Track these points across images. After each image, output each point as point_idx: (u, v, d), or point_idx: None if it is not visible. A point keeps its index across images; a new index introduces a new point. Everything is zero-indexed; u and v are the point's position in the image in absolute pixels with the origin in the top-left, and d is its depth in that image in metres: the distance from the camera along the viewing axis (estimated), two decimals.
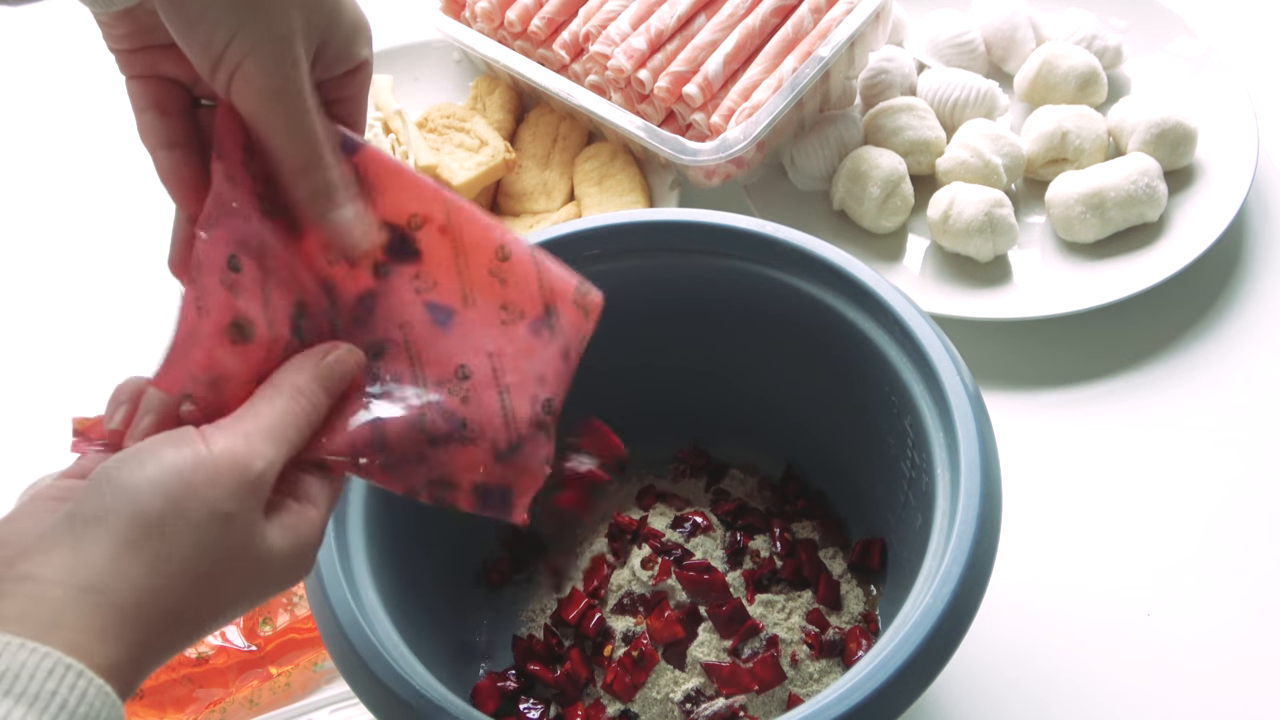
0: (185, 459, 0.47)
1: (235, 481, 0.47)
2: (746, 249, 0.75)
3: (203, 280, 0.52)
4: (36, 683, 0.41)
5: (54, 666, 0.41)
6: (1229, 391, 0.93)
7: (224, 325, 0.52)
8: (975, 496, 0.63)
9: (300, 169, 0.53)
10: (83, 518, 0.46)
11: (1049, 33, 1.09)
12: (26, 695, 0.40)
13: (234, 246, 0.53)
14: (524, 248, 0.58)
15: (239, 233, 0.53)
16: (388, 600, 0.66)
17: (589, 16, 1.04)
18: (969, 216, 0.95)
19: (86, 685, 0.42)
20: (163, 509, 0.46)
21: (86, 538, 0.45)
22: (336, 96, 0.55)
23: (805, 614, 0.76)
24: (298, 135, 0.52)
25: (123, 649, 0.44)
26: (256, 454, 0.49)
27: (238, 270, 0.53)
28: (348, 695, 0.80)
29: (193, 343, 0.52)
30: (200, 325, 0.52)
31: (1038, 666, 0.81)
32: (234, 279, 0.53)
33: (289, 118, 0.52)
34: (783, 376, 0.80)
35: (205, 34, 0.49)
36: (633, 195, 1.01)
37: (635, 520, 0.80)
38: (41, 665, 0.41)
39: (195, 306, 0.52)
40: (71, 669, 0.42)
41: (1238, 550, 0.85)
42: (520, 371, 0.58)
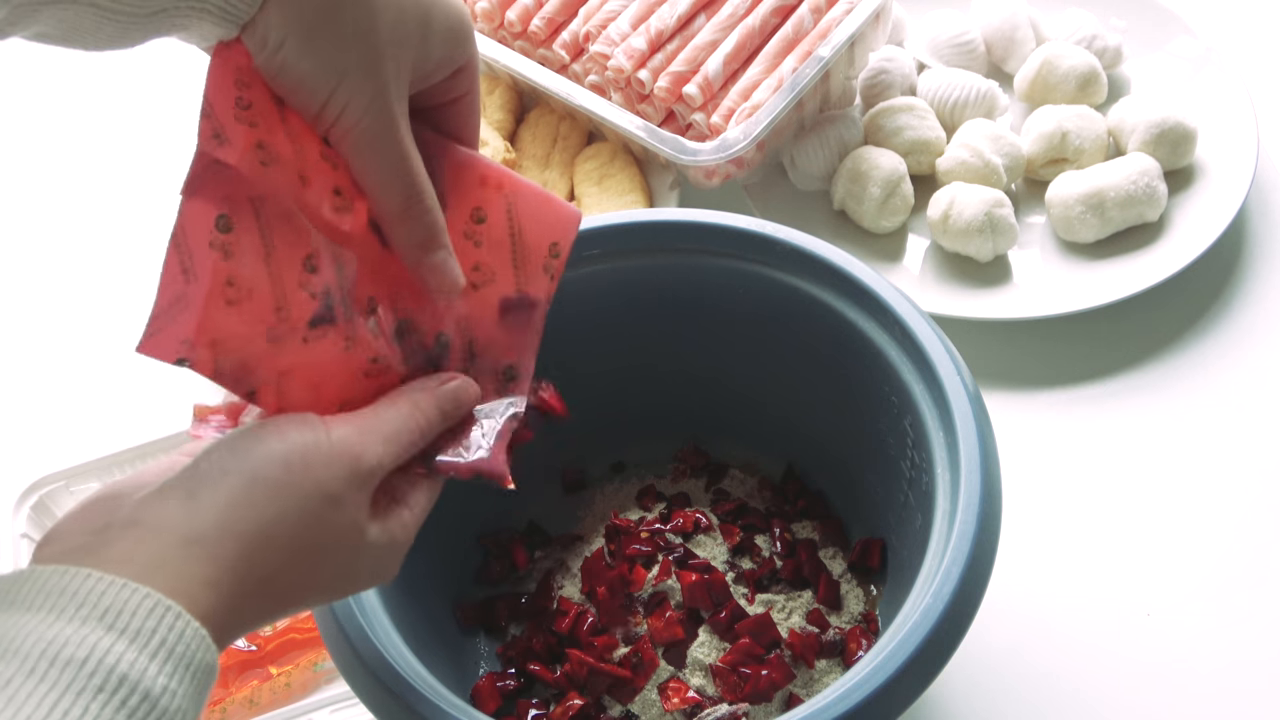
0: (306, 438, 0.50)
1: (347, 469, 0.50)
2: (746, 249, 0.75)
3: (188, 244, 0.51)
4: (138, 620, 0.43)
5: (154, 606, 0.43)
6: (1229, 391, 0.93)
7: (218, 288, 0.52)
8: (975, 496, 0.63)
9: (399, 214, 0.54)
10: (202, 474, 0.48)
11: (1049, 33, 1.09)
12: (129, 631, 0.42)
13: (223, 205, 0.52)
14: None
15: (229, 191, 0.52)
16: (387, 600, 0.66)
17: (589, 16, 1.04)
18: (969, 216, 0.95)
19: (184, 626, 0.44)
20: (279, 477, 0.49)
21: (202, 493, 0.47)
22: (444, 100, 0.57)
23: (805, 614, 0.76)
24: (396, 181, 0.54)
25: (220, 601, 0.46)
26: (369, 449, 0.51)
27: (228, 230, 0.52)
28: (348, 695, 0.80)
29: (179, 307, 0.51)
30: (188, 291, 0.51)
31: (1038, 666, 0.81)
32: (225, 240, 0.52)
33: (385, 165, 0.53)
34: (783, 376, 0.80)
35: (305, 98, 0.52)
36: (633, 195, 1.01)
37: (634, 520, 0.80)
38: (143, 604, 0.43)
39: (181, 271, 0.51)
40: (170, 609, 0.43)
41: (1238, 550, 0.85)
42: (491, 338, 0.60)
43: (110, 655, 0.41)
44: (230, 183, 0.52)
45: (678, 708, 0.71)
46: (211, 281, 0.52)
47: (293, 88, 0.52)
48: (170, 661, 0.43)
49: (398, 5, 0.52)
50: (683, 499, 0.83)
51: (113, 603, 0.43)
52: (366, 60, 0.51)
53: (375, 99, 0.52)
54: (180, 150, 1.20)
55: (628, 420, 0.83)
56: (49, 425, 0.99)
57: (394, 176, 0.54)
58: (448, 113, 0.57)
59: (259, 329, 0.53)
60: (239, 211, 0.52)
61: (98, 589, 0.43)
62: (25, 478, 0.88)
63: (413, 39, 0.53)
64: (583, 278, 0.73)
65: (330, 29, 0.51)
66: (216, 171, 0.51)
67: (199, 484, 0.48)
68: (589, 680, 0.72)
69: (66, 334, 1.05)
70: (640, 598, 0.75)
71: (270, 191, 0.52)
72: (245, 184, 0.52)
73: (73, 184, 1.15)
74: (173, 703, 0.42)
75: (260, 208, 0.52)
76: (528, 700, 0.74)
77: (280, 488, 0.48)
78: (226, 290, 0.52)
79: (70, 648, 0.41)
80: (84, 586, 0.43)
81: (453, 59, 0.55)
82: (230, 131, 0.52)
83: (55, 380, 1.03)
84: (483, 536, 0.82)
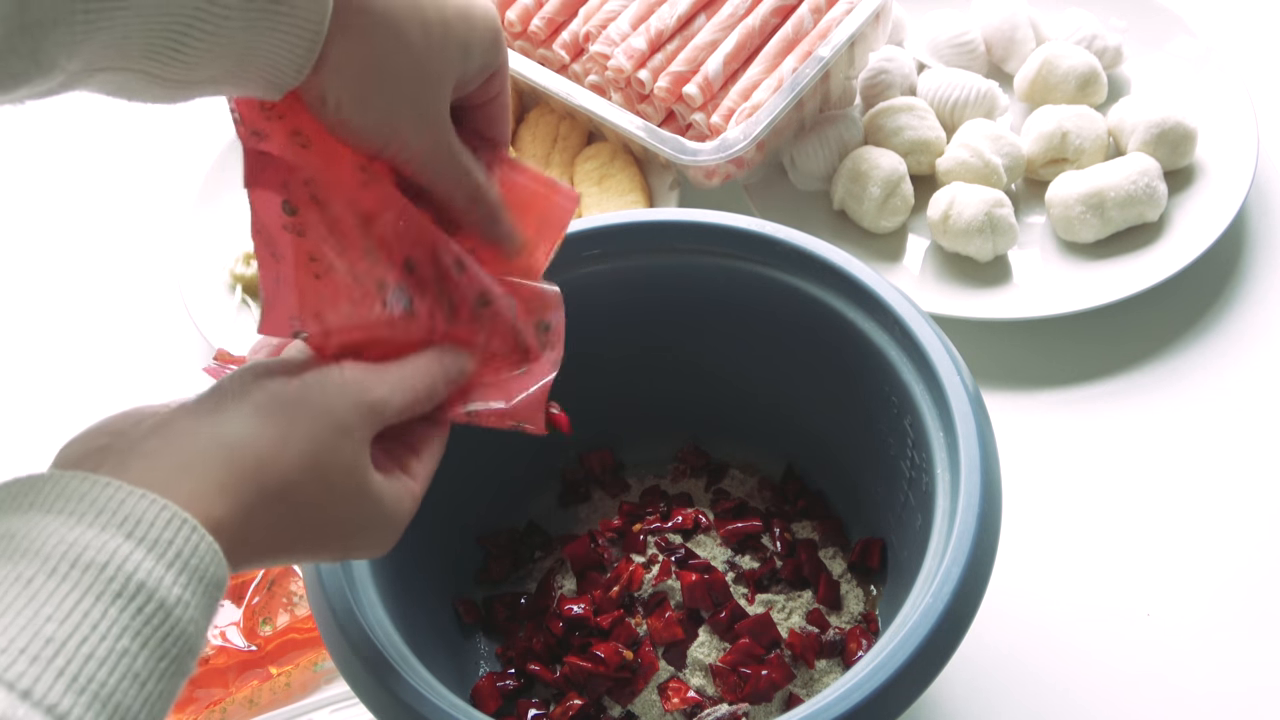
0: (320, 370, 0.53)
1: (355, 398, 0.52)
2: (746, 249, 0.75)
3: (267, 231, 0.56)
4: (156, 530, 0.44)
5: (171, 518, 0.44)
6: (1229, 391, 0.93)
7: (303, 264, 0.56)
8: (975, 496, 0.63)
9: (465, 208, 0.58)
10: (224, 390, 0.51)
11: (1049, 33, 1.09)
12: (147, 540, 0.44)
13: (283, 191, 0.56)
14: None
15: (284, 178, 0.55)
16: (388, 600, 0.66)
17: (589, 16, 1.04)
18: (969, 216, 0.95)
19: (199, 540, 0.45)
20: (297, 394, 0.51)
21: (226, 405, 0.50)
22: (479, 102, 0.59)
23: (805, 614, 0.76)
24: (458, 190, 0.58)
25: (237, 508, 0.47)
26: (378, 386, 0.54)
27: (294, 213, 0.56)
28: (348, 695, 0.80)
29: (281, 287, 0.56)
30: (281, 270, 0.56)
31: (1037, 666, 0.81)
32: (294, 222, 0.56)
33: (447, 182, 0.57)
34: (783, 376, 0.80)
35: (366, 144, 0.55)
36: (633, 195, 1.01)
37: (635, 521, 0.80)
38: (161, 516, 0.44)
39: (271, 255, 0.56)
40: (187, 523, 0.45)
41: (1238, 550, 0.85)
42: None
43: (129, 562, 0.43)
44: (281, 170, 0.55)
45: (678, 708, 0.71)
46: (295, 259, 0.56)
47: (353, 139, 0.55)
48: (185, 573, 0.44)
49: (441, 37, 0.54)
50: (683, 499, 0.83)
51: (131, 511, 0.44)
52: (419, 104, 0.54)
53: (431, 135, 0.55)
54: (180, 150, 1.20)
55: (628, 420, 0.83)
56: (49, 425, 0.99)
57: (456, 186, 0.58)
58: (481, 113, 0.60)
59: (345, 299, 0.56)
60: (297, 195, 0.56)
61: (118, 497, 0.44)
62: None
63: (455, 63, 0.55)
64: (582, 278, 0.74)
65: (383, 86, 0.53)
66: (266, 162, 0.55)
67: (223, 398, 0.50)
68: (589, 681, 0.72)
69: (67, 334, 1.05)
70: (640, 598, 0.75)
71: (315, 169, 0.56)
72: (294, 170, 0.55)
73: (74, 184, 1.15)
74: (185, 613, 0.44)
75: (315, 189, 0.56)
76: (528, 700, 0.74)
77: (295, 406, 0.51)
78: (311, 265, 0.56)
79: (91, 551, 0.42)
80: (104, 494, 0.44)
81: (489, 66, 0.57)
82: (265, 127, 0.55)
83: (56, 380, 1.03)
84: (482, 537, 0.82)
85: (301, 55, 0.51)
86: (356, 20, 0.51)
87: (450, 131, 0.56)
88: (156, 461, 0.47)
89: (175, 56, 0.49)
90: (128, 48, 0.48)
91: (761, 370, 0.80)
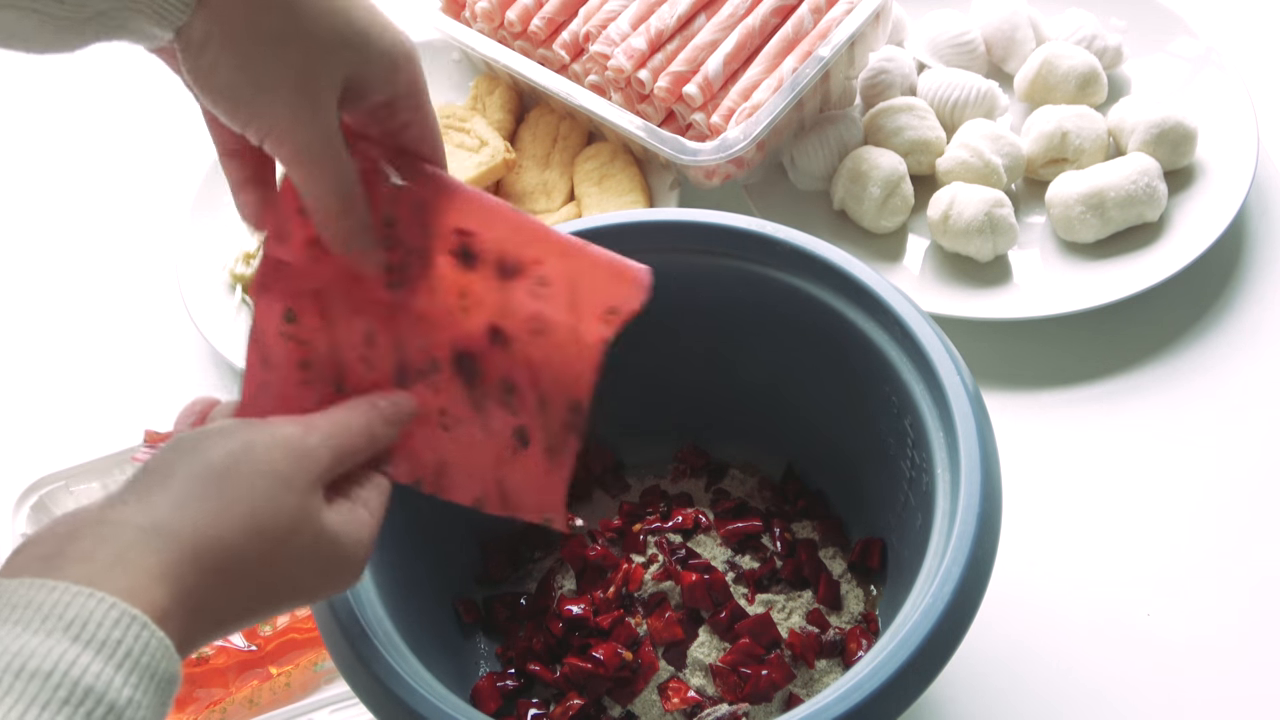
0: (250, 429, 0.52)
1: (291, 449, 0.52)
2: (746, 249, 0.75)
3: (265, 340, 0.59)
4: (104, 630, 0.43)
5: (120, 616, 0.43)
6: (1229, 391, 0.93)
7: (292, 372, 0.59)
8: (975, 496, 0.63)
9: (336, 214, 0.57)
10: (151, 472, 0.50)
11: (1049, 33, 1.09)
12: (94, 642, 0.43)
13: (288, 300, 0.58)
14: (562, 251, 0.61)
15: (291, 287, 0.58)
16: (388, 600, 0.66)
17: (589, 16, 1.04)
18: (969, 216, 0.95)
19: (149, 637, 0.44)
20: (226, 464, 0.50)
21: (154, 486, 0.49)
22: (393, 127, 0.58)
23: (805, 614, 0.76)
24: (333, 189, 0.56)
25: (179, 592, 0.46)
26: (310, 435, 0.53)
27: (293, 321, 0.59)
28: (348, 695, 0.80)
29: (264, 393, 0.59)
30: (267, 378, 0.59)
31: (1037, 666, 0.81)
32: (292, 329, 0.59)
33: (321, 175, 0.56)
34: (783, 377, 0.80)
35: (235, 108, 0.53)
36: (633, 195, 1.01)
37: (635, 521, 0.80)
38: (109, 615, 0.43)
39: (260, 363, 0.59)
40: (136, 620, 0.44)
41: (1238, 550, 0.85)
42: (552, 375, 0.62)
43: (76, 667, 0.41)
44: (292, 278, 0.58)
45: (678, 708, 0.71)
46: (286, 366, 0.59)
47: (223, 97, 0.53)
48: (135, 673, 0.43)
49: (331, 23, 0.53)
50: (683, 499, 0.83)
51: (78, 614, 0.43)
52: (302, 77, 0.53)
53: (308, 115, 0.54)
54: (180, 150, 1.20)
55: (628, 420, 0.83)
56: (49, 425, 0.99)
57: (332, 184, 0.56)
58: (404, 137, 0.58)
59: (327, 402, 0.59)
60: (301, 303, 0.59)
61: (63, 600, 0.43)
62: (25, 478, 0.88)
63: (348, 57, 0.54)
64: None
65: (267, 45, 0.52)
66: (279, 270, 0.58)
67: (152, 478, 0.49)
68: (589, 681, 0.72)
69: (66, 335, 1.05)
70: (640, 598, 0.75)
71: (325, 279, 0.58)
72: (304, 278, 0.58)
73: (73, 184, 1.15)
74: (137, 714, 0.42)
75: (320, 298, 0.59)
76: (528, 700, 0.74)
77: (227, 474, 0.50)
78: (300, 373, 0.59)
79: (36, 659, 0.41)
80: (49, 598, 0.43)
81: (391, 82, 0.56)
82: (290, 227, 0.57)
83: (55, 380, 1.03)
84: (482, 537, 0.82)
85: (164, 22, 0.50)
86: None
87: (331, 118, 0.55)
88: (92, 563, 0.45)
89: None
90: None
91: (761, 370, 0.80)
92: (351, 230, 0.57)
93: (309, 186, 0.56)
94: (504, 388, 0.60)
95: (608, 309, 0.60)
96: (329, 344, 0.59)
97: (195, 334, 1.00)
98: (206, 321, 0.99)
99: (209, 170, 1.06)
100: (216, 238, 1.04)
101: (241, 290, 1.01)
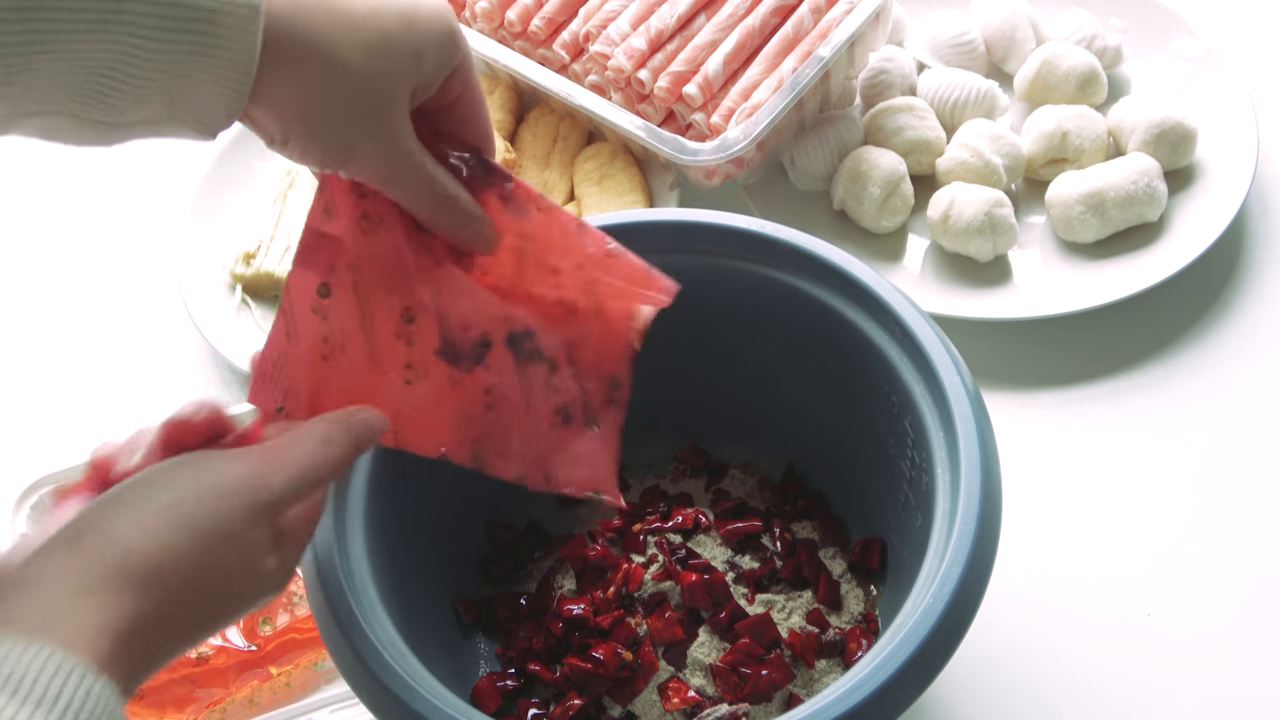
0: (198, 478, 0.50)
1: (245, 504, 0.50)
2: (746, 249, 0.75)
3: (295, 314, 0.59)
4: (42, 684, 0.42)
5: (58, 668, 0.42)
6: (1229, 391, 0.93)
7: (317, 345, 0.59)
8: (975, 496, 0.63)
9: (430, 214, 0.58)
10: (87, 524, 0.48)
11: (1049, 33, 1.09)
12: (33, 696, 0.41)
13: (325, 275, 0.59)
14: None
15: (330, 261, 0.58)
16: (387, 600, 0.66)
17: (589, 16, 1.04)
18: (969, 216, 0.95)
19: (91, 684, 0.43)
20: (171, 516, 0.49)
21: (84, 541, 0.47)
22: (444, 103, 0.58)
23: (805, 614, 0.76)
24: (423, 198, 0.57)
25: (121, 644, 0.45)
26: (269, 481, 0.51)
27: (327, 296, 0.59)
28: (348, 695, 0.80)
29: (281, 367, 0.59)
30: (290, 349, 0.59)
31: (1037, 666, 0.81)
32: (323, 304, 0.59)
33: (409, 192, 0.56)
34: (782, 376, 0.80)
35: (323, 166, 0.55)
36: (633, 195, 1.01)
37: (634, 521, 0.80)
38: (47, 666, 0.42)
39: (285, 334, 0.59)
40: (76, 668, 0.42)
41: (1238, 550, 0.85)
42: None
43: None
44: (333, 252, 0.58)
45: (678, 708, 0.71)
46: (312, 340, 0.59)
47: (308, 164, 0.55)
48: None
49: (384, 51, 0.52)
50: (683, 499, 0.83)
51: (15, 668, 0.42)
52: (370, 123, 0.53)
53: (387, 150, 0.54)
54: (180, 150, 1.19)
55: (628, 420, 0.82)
56: (49, 425, 0.99)
57: (421, 197, 0.57)
58: (450, 114, 0.58)
59: (351, 379, 0.59)
60: (338, 278, 0.59)
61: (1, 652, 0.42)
62: (25, 478, 0.88)
63: (407, 74, 0.54)
64: None
65: (328, 114, 0.52)
66: (321, 243, 0.58)
67: (81, 534, 0.48)
68: (589, 681, 0.72)
69: (66, 335, 1.05)
70: (640, 598, 0.75)
71: (369, 255, 0.59)
72: (346, 252, 0.58)
73: (73, 184, 1.15)
74: None
75: (357, 273, 0.59)
76: (528, 700, 0.74)
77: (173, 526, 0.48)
78: (321, 346, 0.59)
79: None
80: None
81: (445, 65, 0.56)
82: (339, 204, 0.57)
83: (55, 380, 1.03)
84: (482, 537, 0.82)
85: (232, 97, 0.50)
86: (290, 52, 0.50)
87: (409, 141, 0.55)
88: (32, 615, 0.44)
89: (103, 100, 0.48)
90: (53, 92, 0.47)
91: (761, 370, 0.80)
92: (459, 222, 0.58)
93: (406, 202, 0.57)
94: (549, 365, 0.62)
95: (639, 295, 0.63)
96: (358, 318, 0.59)
97: (195, 334, 1.00)
98: (206, 321, 0.99)
99: (209, 170, 1.06)
100: (216, 238, 1.04)
101: (241, 290, 1.01)
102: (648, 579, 0.75)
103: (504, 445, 0.62)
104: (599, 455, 0.63)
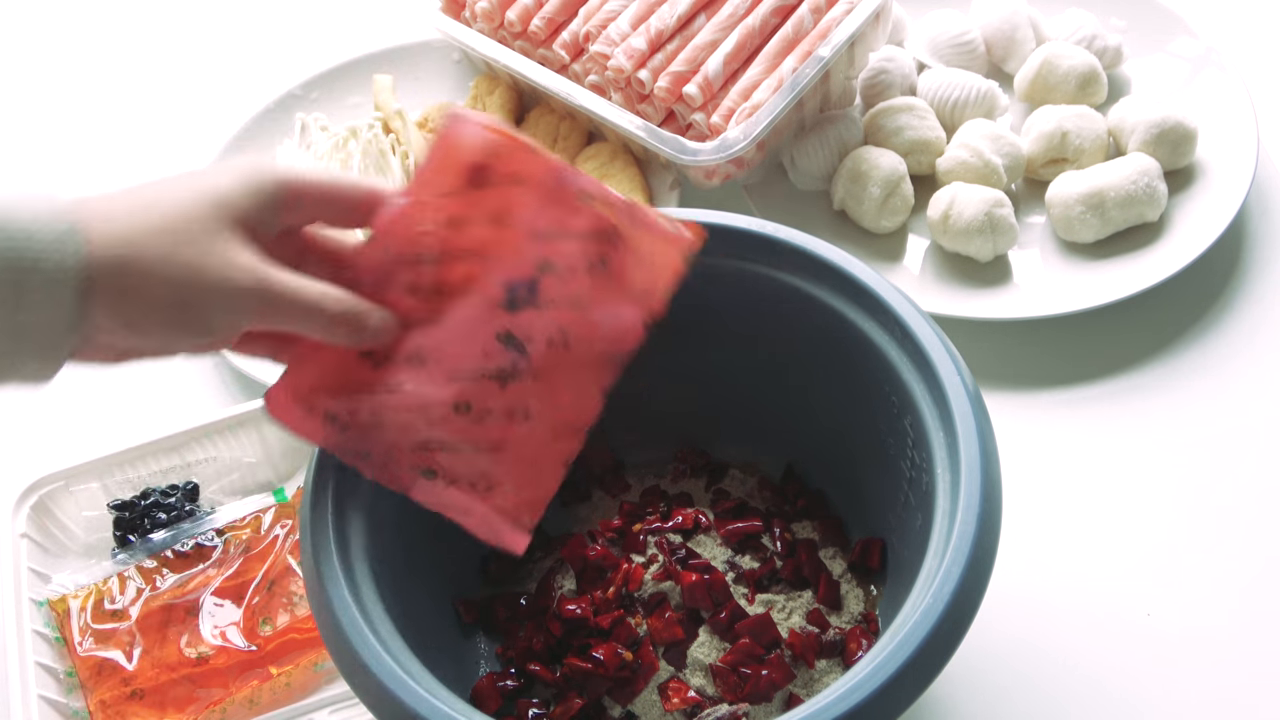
0: None
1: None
2: (746, 249, 0.75)
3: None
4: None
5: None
6: (1229, 391, 0.93)
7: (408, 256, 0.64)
8: (975, 496, 0.63)
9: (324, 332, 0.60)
10: None
11: (1049, 33, 1.09)
12: None
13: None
14: None
15: None
16: (388, 600, 0.66)
17: (589, 16, 1.04)
18: (969, 216, 0.95)
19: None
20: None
21: None
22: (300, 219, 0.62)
23: (805, 614, 0.76)
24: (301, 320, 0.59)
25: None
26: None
27: None
28: (348, 695, 0.80)
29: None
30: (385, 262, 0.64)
31: (1037, 666, 0.81)
32: None
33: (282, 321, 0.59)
34: (783, 376, 0.80)
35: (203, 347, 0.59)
36: (633, 195, 1.01)
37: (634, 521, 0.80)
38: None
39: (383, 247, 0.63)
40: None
41: (1238, 550, 0.85)
42: None
43: None
44: None
45: (678, 708, 0.71)
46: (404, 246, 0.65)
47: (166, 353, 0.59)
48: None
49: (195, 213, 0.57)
50: (683, 499, 0.83)
51: None
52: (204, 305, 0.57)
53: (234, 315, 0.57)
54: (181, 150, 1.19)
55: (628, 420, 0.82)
56: (49, 425, 0.99)
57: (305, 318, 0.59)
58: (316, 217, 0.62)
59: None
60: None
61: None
62: (25, 478, 0.88)
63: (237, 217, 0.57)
64: None
65: (154, 316, 0.56)
66: None
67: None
68: (589, 681, 0.72)
69: None
70: (640, 598, 0.75)
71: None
72: None
73: (72, 184, 1.15)
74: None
75: None
76: (528, 700, 0.74)
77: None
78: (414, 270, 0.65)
79: None
80: None
81: (276, 215, 0.59)
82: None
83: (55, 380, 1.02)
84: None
85: (52, 359, 0.56)
86: (107, 283, 0.54)
87: (268, 280, 0.57)
88: None
89: None
90: None
91: (761, 370, 0.80)
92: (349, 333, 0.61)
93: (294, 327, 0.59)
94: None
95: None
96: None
97: None
98: None
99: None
100: None
101: None
102: (648, 579, 0.75)
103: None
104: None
